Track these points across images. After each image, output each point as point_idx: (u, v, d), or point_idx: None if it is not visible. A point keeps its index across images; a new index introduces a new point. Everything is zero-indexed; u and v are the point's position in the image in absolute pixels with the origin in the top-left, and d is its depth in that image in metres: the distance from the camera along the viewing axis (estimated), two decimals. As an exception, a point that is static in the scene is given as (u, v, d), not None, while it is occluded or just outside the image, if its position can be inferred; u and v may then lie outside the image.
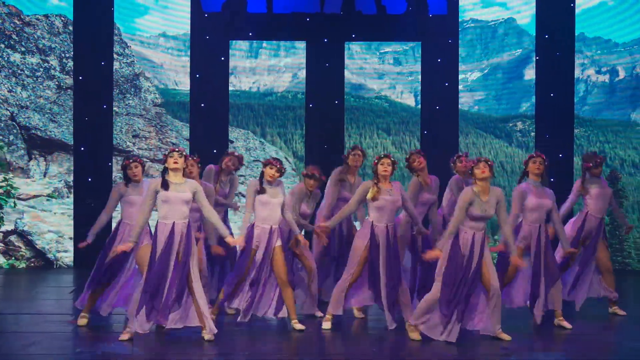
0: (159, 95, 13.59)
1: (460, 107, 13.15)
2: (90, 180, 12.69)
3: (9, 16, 13.09)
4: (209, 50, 12.91)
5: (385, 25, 13.00)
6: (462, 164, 9.00)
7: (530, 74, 13.50)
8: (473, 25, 13.84)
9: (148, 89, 13.55)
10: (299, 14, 12.99)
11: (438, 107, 12.91)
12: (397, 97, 13.89)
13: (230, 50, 13.21)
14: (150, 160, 13.09)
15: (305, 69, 13.18)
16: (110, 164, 12.82)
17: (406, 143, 13.57)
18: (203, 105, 12.91)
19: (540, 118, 12.97)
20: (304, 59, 13.17)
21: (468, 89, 13.73)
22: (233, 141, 13.38)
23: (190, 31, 13.07)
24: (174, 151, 7.51)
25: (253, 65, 13.96)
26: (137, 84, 13.52)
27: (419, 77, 13.22)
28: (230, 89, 13.25)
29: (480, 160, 7.61)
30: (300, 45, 13.39)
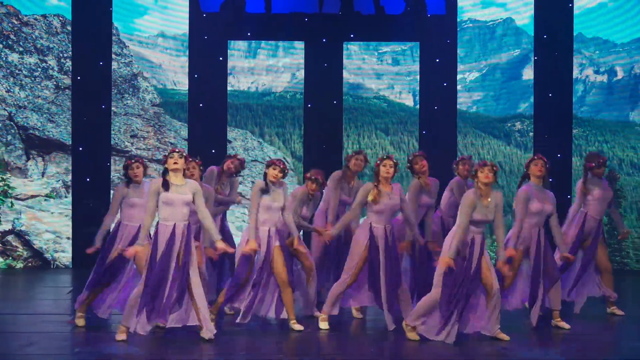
0: (157, 95, 13.58)
1: (458, 107, 13.14)
2: (88, 180, 12.69)
3: (7, 16, 13.07)
4: (208, 50, 12.90)
5: (383, 26, 13.00)
6: (465, 167, 9.01)
7: (528, 74, 13.49)
8: (471, 25, 13.83)
9: (146, 89, 13.54)
10: (298, 14, 12.98)
11: (436, 107, 12.90)
12: (396, 97, 13.88)
13: (229, 50, 13.20)
14: (148, 160, 13.07)
15: (303, 69, 13.16)
16: (108, 164, 12.81)
17: (404, 143, 13.57)
18: (201, 105, 12.90)
19: (538, 118, 12.97)
20: (303, 59, 13.16)
21: (466, 89, 13.73)
22: (231, 141, 13.37)
23: (188, 31, 13.05)
24: (174, 152, 7.49)
25: (251, 65, 13.95)
26: (135, 84, 13.50)
27: (418, 77, 13.22)
28: (229, 89, 13.25)
29: (486, 164, 7.53)
30: (299, 45, 13.39)
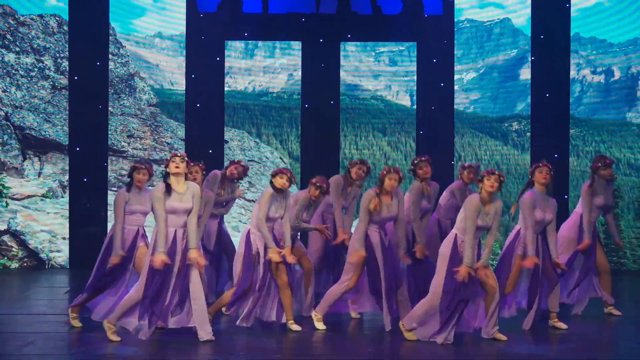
0: (154, 95, 13.56)
1: (455, 108, 13.14)
2: (85, 180, 12.67)
3: (4, 16, 13.04)
4: (205, 50, 12.89)
5: (380, 26, 12.99)
6: (469, 175, 9.03)
7: (525, 74, 13.50)
8: (468, 25, 13.83)
9: (143, 89, 13.52)
10: (295, 14, 12.97)
11: (434, 108, 12.90)
12: (393, 98, 13.87)
13: (226, 51, 13.19)
14: (145, 160, 13.06)
15: (300, 69, 13.16)
16: (105, 164, 12.78)
17: (402, 143, 13.56)
18: (198, 105, 12.88)
19: (535, 118, 12.97)
20: (300, 59, 13.15)
21: (464, 89, 13.73)
22: (228, 141, 13.36)
23: (185, 31, 13.04)
24: (175, 156, 7.45)
25: (249, 65, 13.93)
26: (132, 84, 13.48)
27: (415, 78, 13.22)
28: (226, 89, 13.23)
29: (494, 173, 7.49)
30: (296, 45, 13.38)
